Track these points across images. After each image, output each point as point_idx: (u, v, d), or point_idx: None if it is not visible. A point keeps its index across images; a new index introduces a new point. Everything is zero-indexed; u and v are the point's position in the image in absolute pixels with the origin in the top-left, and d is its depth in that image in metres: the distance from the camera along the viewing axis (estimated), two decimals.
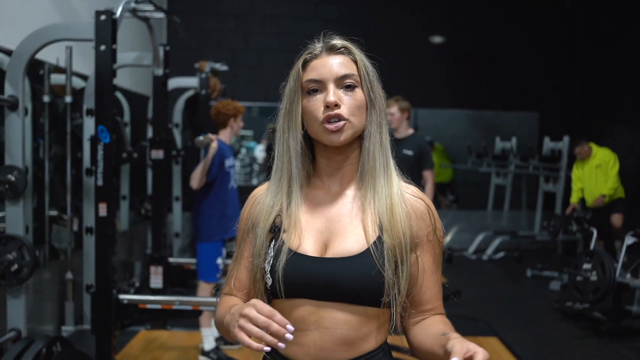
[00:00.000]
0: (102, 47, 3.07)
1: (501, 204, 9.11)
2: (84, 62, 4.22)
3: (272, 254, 1.29)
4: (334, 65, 1.30)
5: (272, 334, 1.09)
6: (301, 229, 1.31)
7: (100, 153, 3.14)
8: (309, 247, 1.29)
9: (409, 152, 4.72)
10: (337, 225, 1.31)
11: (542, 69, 9.11)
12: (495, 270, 7.58)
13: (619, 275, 4.89)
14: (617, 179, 6.57)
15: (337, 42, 1.33)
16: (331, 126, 1.26)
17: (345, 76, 1.29)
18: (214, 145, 4.03)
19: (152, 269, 4.25)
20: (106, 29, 3.07)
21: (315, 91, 1.30)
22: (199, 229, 4.21)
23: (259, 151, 11.95)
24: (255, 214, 1.37)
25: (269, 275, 1.28)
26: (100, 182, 3.15)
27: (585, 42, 8.98)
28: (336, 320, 1.25)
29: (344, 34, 1.37)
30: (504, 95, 9.11)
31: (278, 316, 1.11)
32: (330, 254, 1.28)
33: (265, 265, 1.30)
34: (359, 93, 1.30)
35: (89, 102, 3.62)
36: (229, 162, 4.23)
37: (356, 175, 1.34)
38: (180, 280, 5.34)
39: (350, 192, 1.34)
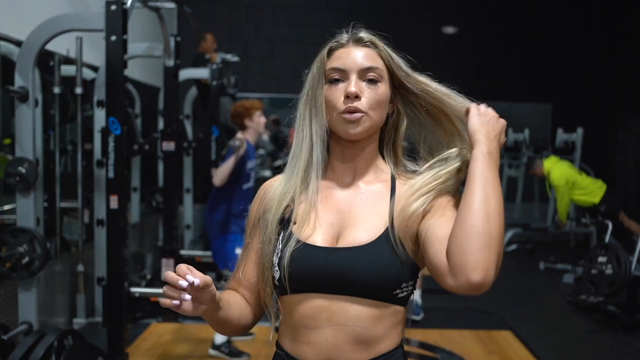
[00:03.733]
0: (113, 38, 3.04)
1: (514, 196, 9.04)
2: (95, 53, 4.20)
3: (280, 245, 1.25)
4: (358, 56, 1.28)
5: (175, 287, 1.08)
6: (312, 221, 1.26)
7: (111, 145, 3.11)
8: (319, 238, 1.25)
9: None
10: (349, 217, 1.27)
11: (555, 60, 9.00)
12: (507, 263, 7.46)
13: (635, 268, 4.84)
14: (568, 205, 6.41)
15: (365, 35, 1.30)
16: (349, 116, 1.24)
17: (369, 69, 1.27)
18: (244, 146, 3.99)
19: (164, 261, 4.23)
20: (117, 19, 3.03)
21: (337, 80, 1.28)
22: (214, 226, 4.18)
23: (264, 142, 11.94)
24: (267, 201, 1.33)
25: (276, 268, 1.24)
26: (111, 175, 3.12)
27: (599, 33, 8.86)
28: (348, 316, 1.20)
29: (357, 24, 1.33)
30: (516, 86, 9.01)
31: (186, 272, 1.09)
32: (340, 244, 1.24)
33: (274, 258, 1.25)
34: (381, 87, 1.28)
35: (99, 94, 3.59)
36: (251, 163, 4.19)
37: (370, 169, 1.32)
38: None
39: (363, 184, 1.31)
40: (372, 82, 1.27)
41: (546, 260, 7.02)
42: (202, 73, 5.57)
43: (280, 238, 1.26)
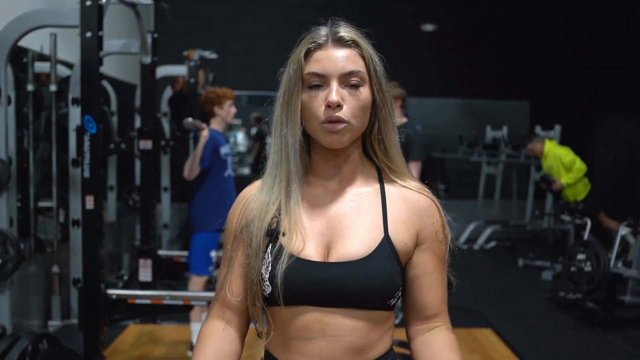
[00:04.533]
0: (88, 34, 2.96)
1: (492, 194, 9.07)
2: (70, 50, 4.11)
3: (269, 259, 1.19)
4: (339, 59, 1.19)
5: None
6: (302, 232, 1.20)
7: (86, 144, 3.04)
8: (311, 251, 1.19)
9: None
10: (339, 226, 1.21)
11: (533, 58, 9.05)
12: (487, 260, 7.55)
13: (613, 265, 4.87)
14: (576, 174, 6.36)
15: (345, 34, 1.21)
16: (331, 126, 1.16)
17: (351, 73, 1.18)
18: (205, 134, 3.96)
19: (141, 261, 4.15)
20: (92, 15, 2.96)
21: (317, 86, 1.19)
22: (195, 219, 4.14)
23: (241, 139, 11.88)
24: (249, 212, 1.25)
25: (267, 283, 1.18)
26: (87, 174, 3.05)
27: (576, 30, 8.93)
28: (343, 327, 1.17)
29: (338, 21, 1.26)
30: (495, 84, 9.05)
31: None
32: (334, 258, 1.18)
33: (263, 272, 1.18)
34: (363, 92, 1.20)
35: (74, 91, 3.51)
36: (224, 149, 4.15)
37: (356, 174, 1.27)
38: (170, 273, 5.26)
39: (350, 190, 1.25)
40: (354, 87, 1.19)
41: (525, 257, 7.05)
42: (180, 70, 5.50)
43: (269, 251, 1.20)
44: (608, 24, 8.29)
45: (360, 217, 1.22)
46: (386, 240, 1.19)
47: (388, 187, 1.26)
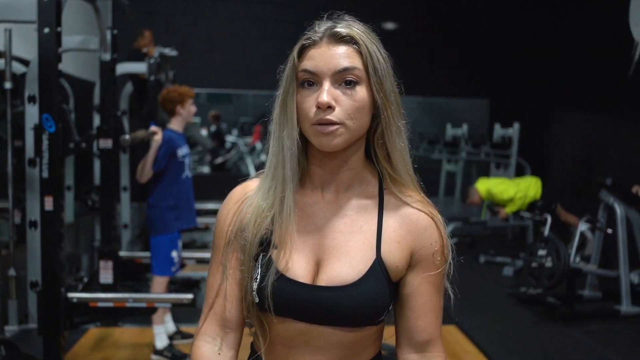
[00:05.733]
0: (46, 30, 2.88)
1: (452, 191, 9.17)
2: (26, 46, 3.98)
3: (259, 270, 1.14)
4: (333, 56, 1.11)
5: None
6: (291, 246, 1.14)
7: (45, 143, 2.95)
8: (300, 269, 1.13)
9: None
10: (332, 243, 1.15)
11: (492, 56, 9.16)
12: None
13: (572, 260, 4.97)
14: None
15: (342, 29, 1.13)
16: (322, 128, 1.09)
17: (346, 70, 1.10)
18: (157, 138, 3.90)
19: (102, 263, 4.05)
20: (50, 10, 2.87)
21: (309, 84, 1.12)
22: (153, 222, 4.06)
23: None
24: (243, 216, 1.18)
25: (255, 294, 1.13)
26: (45, 174, 2.96)
27: (535, 28, 9.07)
28: (330, 342, 1.13)
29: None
30: (455, 81, 9.14)
31: None
32: (323, 279, 1.12)
33: (253, 283, 1.14)
34: (360, 92, 1.11)
35: (31, 89, 3.40)
36: (182, 151, 4.09)
37: (355, 183, 1.18)
38: (131, 274, 5.16)
39: (347, 201, 1.18)
40: (350, 85, 1.11)
41: (486, 254, 7.14)
42: (140, 67, 5.39)
43: (259, 262, 1.14)
44: (567, 22, 8.44)
45: (354, 235, 1.15)
46: (378, 262, 1.13)
47: (387, 200, 1.18)
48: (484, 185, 6.73)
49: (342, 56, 1.11)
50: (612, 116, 7.26)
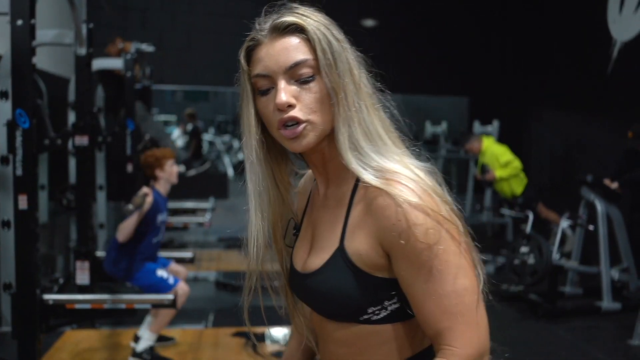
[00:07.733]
0: (19, 22, 2.76)
1: None
2: None
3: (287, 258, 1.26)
4: (281, 52, 1.04)
5: None
6: (301, 237, 1.23)
7: (18, 140, 2.84)
8: (298, 259, 1.20)
9: None
10: (316, 233, 1.17)
11: (471, 53, 9.18)
12: None
13: (553, 257, 4.97)
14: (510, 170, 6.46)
15: (285, 18, 1.05)
16: (288, 132, 1.04)
17: (297, 64, 1.03)
18: (149, 199, 3.78)
19: (78, 264, 3.94)
20: (23, 1, 2.76)
21: (267, 90, 1.06)
22: (123, 270, 3.92)
23: (177, 136, 11.57)
24: (297, 203, 1.30)
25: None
26: (19, 172, 2.86)
27: (514, 27, 9.10)
28: (336, 337, 1.14)
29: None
30: (433, 79, 9.13)
31: None
32: (304, 268, 1.16)
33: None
34: (319, 82, 1.04)
35: (3, 84, 3.28)
36: (161, 216, 3.99)
37: (340, 173, 1.12)
38: (108, 275, 5.04)
39: (332, 193, 1.17)
40: (306, 79, 1.04)
41: None
42: (116, 63, 5.28)
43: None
44: (546, 20, 8.48)
45: (329, 224, 1.12)
46: (339, 251, 1.07)
47: (361, 186, 1.08)
48: (489, 141, 6.68)
49: (291, 49, 1.04)
50: (591, 113, 7.29)
